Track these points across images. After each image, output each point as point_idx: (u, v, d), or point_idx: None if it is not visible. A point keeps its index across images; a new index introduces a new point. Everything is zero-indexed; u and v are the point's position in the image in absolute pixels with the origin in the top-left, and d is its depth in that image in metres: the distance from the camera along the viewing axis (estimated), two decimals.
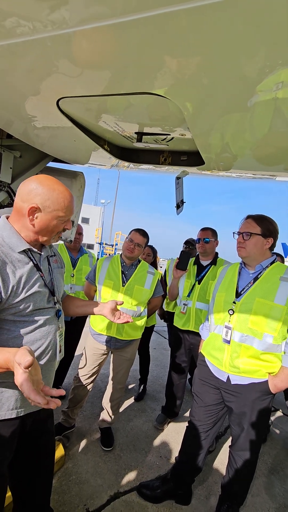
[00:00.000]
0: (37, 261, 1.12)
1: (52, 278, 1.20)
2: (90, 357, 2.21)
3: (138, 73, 0.83)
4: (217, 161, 1.55)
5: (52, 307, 1.17)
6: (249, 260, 1.67)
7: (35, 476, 1.24)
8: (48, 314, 1.14)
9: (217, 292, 1.79)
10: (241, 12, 0.57)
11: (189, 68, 0.76)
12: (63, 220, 1.10)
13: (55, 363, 1.19)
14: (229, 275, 1.78)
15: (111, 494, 1.84)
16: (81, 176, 2.25)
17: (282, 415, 3.15)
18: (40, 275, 1.12)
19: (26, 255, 1.08)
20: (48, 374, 1.17)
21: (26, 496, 1.26)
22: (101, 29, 0.67)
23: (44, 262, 1.18)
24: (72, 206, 1.12)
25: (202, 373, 1.79)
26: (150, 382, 3.41)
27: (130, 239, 2.18)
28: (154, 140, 1.51)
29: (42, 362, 1.12)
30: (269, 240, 1.61)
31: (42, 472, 1.26)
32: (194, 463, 1.78)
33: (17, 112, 1.30)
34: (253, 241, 1.60)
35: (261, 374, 1.55)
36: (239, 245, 1.66)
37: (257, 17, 0.58)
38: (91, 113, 1.24)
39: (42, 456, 1.25)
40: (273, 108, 0.92)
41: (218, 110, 0.98)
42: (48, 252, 1.23)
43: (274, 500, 1.99)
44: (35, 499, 1.27)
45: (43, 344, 1.11)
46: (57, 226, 1.10)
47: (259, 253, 1.62)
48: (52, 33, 0.71)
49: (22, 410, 1.07)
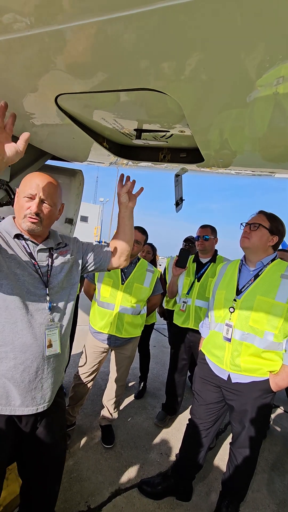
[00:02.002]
0: (31, 249, 1.16)
1: (49, 269, 1.18)
2: (90, 355, 2.21)
3: (137, 68, 0.82)
4: (217, 158, 1.54)
5: (42, 297, 1.14)
6: (250, 253, 1.66)
7: (39, 482, 1.24)
8: (35, 303, 1.11)
9: (217, 289, 1.78)
10: (239, 6, 0.56)
11: (188, 63, 0.75)
12: (24, 196, 1.11)
13: (45, 359, 1.12)
14: (229, 272, 1.77)
15: (112, 491, 1.85)
16: (80, 174, 2.25)
17: (282, 412, 3.16)
18: (32, 262, 1.14)
19: (19, 242, 1.15)
20: (46, 370, 1.13)
21: (30, 500, 1.27)
22: (99, 24, 0.66)
23: (42, 252, 1.18)
24: (33, 181, 1.12)
25: (203, 371, 1.79)
26: (150, 380, 3.42)
27: None
28: (153, 137, 1.50)
29: (28, 354, 1.07)
30: (274, 238, 1.60)
31: (48, 480, 1.26)
32: (195, 460, 1.78)
33: (15, 109, 1.29)
34: (259, 233, 1.59)
35: (262, 372, 1.54)
36: (244, 235, 1.64)
37: (255, 12, 0.57)
38: (90, 109, 1.23)
39: (46, 463, 1.24)
40: (272, 104, 0.91)
41: (218, 106, 0.97)
42: (52, 243, 1.22)
43: (274, 496, 2.00)
44: (39, 504, 1.27)
45: (24, 336, 1.07)
46: (22, 206, 1.12)
47: (262, 248, 1.61)
48: (50, 28, 0.70)
49: (9, 409, 1.06)
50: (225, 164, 1.65)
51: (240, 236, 1.68)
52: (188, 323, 2.45)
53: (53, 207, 1.16)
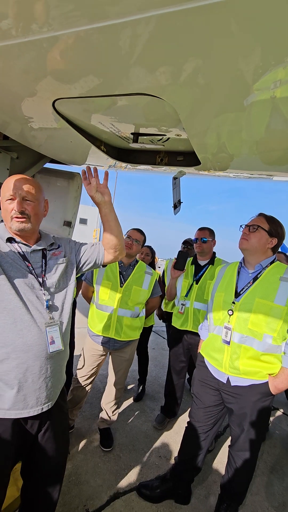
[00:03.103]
0: (23, 251, 1.17)
1: (44, 270, 1.20)
2: (89, 358, 2.21)
3: (134, 74, 0.83)
4: (213, 161, 1.55)
5: (39, 297, 1.15)
6: (248, 255, 1.66)
7: (41, 485, 1.25)
8: (33, 303, 1.13)
9: (216, 292, 1.78)
10: (235, 13, 0.57)
11: (183, 69, 0.77)
12: (6, 199, 1.14)
13: (48, 356, 1.13)
14: (228, 274, 1.77)
15: (111, 495, 1.84)
16: (78, 177, 2.25)
17: (281, 414, 3.15)
18: (26, 265, 1.15)
19: (11, 245, 1.16)
20: (49, 369, 1.14)
21: (31, 503, 1.27)
22: (96, 30, 0.67)
23: (35, 254, 1.20)
24: (10, 183, 1.14)
25: (202, 374, 1.78)
26: (149, 382, 3.41)
27: (128, 236, 2.21)
28: (150, 140, 1.52)
29: (30, 354, 1.08)
30: (273, 240, 1.61)
31: (48, 485, 1.26)
32: (194, 463, 1.78)
33: (13, 114, 1.30)
34: (258, 235, 1.60)
35: (262, 375, 1.54)
36: (243, 237, 1.65)
37: (251, 19, 0.58)
38: (87, 114, 1.24)
39: (48, 466, 1.24)
40: (267, 108, 0.92)
41: (213, 111, 0.98)
42: (44, 245, 1.24)
43: (273, 498, 2.00)
44: (39, 507, 1.27)
45: (25, 336, 1.08)
46: (5, 208, 1.14)
47: (260, 250, 1.61)
48: (48, 34, 0.71)
49: (14, 413, 1.06)
50: (222, 167, 1.66)
51: (239, 238, 1.69)
52: (186, 325, 2.45)
53: (36, 202, 1.18)
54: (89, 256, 1.38)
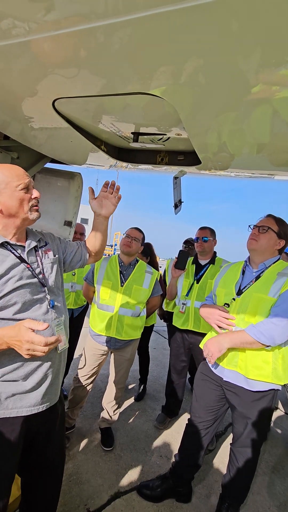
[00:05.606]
0: (19, 253, 1.13)
1: (42, 269, 1.19)
2: (90, 358, 2.21)
3: (134, 73, 0.83)
4: (214, 160, 1.55)
5: (43, 298, 1.15)
6: (255, 255, 1.68)
7: (40, 487, 1.27)
8: (38, 306, 1.13)
9: (218, 287, 1.80)
10: (235, 12, 0.57)
11: (184, 68, 0.76)
12: (22, 188, 1.09)
13: (57, 354, 1.17)
14: (232, 272, 1.79)
15: (112, 494, 1.84)
16: (78, 177, 2.25)
17: (283, 414, 3.15)
18: (25, 267, 1.12)
19: (5, 249, 1.09)
20: (54, 366, 1.17)
21: (31, 503, 1.28)
22: (96, 29, 0.67)
23: (30, 253, 1.17)
24: (20, 171, 1.11)
25: (203, 369, 1.80)
26: (150, 382, 3.41)
27: (127, 234, 2.22)
28: (150, 140, 1.51)
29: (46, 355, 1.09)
30: (281, 242, 1.63)
31: (47, 484, 1.28)
32: (194, 460, 1.78)
33: (13, 113, 1.30)
34: (267, 236, 1.61)
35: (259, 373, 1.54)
36: (252, 237, 1.66)
37: (251, 18, 0.58)
38: (87, 113, 1.24)
39: (48, 468, 1.26)
40: (268, 107, 0.92)
41: (213, 110, 0.98)
42: (34, 242, 1.21)
43: (275, 498, 2.00)
44: (38, 507, 1.28)
45: None
46: (22, 198, 1.09)
47: (268, 250, 1.63)
48: (48, 34, 0.71)
49: (19, 411, 1.07)
50: (223, 166, 1.66)
51: (242, 238, 1.72)
52: (187, 324, 2.44)
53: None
54: (76, 256, 1.41)
